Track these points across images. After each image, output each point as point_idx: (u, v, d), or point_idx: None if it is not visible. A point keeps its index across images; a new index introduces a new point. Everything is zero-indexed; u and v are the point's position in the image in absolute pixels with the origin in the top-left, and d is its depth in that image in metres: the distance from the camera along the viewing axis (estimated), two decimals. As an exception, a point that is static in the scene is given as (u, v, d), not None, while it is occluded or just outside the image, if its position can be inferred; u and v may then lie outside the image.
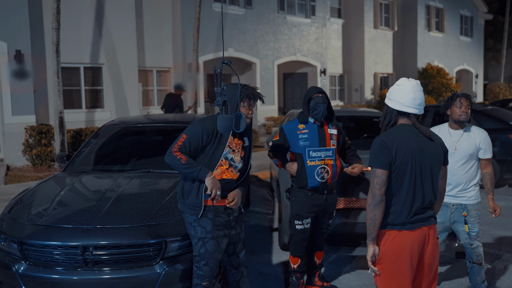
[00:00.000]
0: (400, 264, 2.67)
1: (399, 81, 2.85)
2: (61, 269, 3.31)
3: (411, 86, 2.78)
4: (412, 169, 2.69)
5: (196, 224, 3.23)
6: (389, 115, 2.82)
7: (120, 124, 5.42)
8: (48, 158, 10.79)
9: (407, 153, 2.68)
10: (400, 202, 2.71)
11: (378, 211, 2.67)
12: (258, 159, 11.49)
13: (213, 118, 3.28)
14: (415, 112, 2.77)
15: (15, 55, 10.76)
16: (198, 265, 3.26)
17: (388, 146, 2.68)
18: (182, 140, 3.18)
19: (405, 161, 2.68)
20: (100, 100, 13.05)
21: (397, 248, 2.68)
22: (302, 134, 3.99)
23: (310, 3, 18.56)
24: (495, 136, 4.15)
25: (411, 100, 2.75)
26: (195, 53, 13.18)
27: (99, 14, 12.57)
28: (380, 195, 2.66)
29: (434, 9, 24.01)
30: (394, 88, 2.83)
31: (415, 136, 2.74)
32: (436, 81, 22.03)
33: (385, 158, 2.67)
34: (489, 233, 5.94)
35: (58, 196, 3.90)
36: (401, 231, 2.69)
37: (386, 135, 2.74)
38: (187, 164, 3.10)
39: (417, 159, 2.70)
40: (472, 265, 3.88)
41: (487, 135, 3.83)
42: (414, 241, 2.69)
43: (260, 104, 3.41)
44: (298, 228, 4.04)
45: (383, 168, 2.67)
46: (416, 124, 2.78)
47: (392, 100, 2.81)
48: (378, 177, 2.67)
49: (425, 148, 2.75)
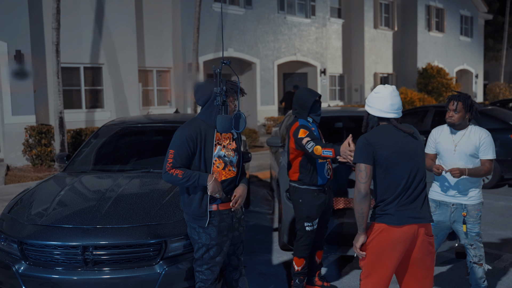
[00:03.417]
0: (384, 256, 2.85)
1: (376, 88, 3.03)
2: (61, 269, 3.31)
3: (388, 93, 2.97)
4: (399, 165, 2.87)
5: (201, 230, 3.17)
6: (371, 122, 3.04)
7: (120, 124, 5.42)
8: (48, 158, 10.79)
9: (391, 150, 2.86)
10: (389, 198, 2.87)
11: (364, 204, 2.84)
12: (258, 159, 11.49)
13: (193, 122, 3.20)
14: (394, 116, 2.98)
15: (15, 55, 10.76)
16: (201, 269, 3.23)
17: (370, 143, 2.86)
18: (171, 156, 3.10)
19: (390, 157, 2.85)
20: (100, 100, 13.05)
21: (383, 241, 2.84)
22: (313, 131, 4.02)
23: (310, 3, 18.56)
24: (495, 136, 4.15)
25: (390, 106, 2.95)
26: (195, 53, 13.19)
27: (99, 14, 12.57)
28: (365, 189, 2.83)
29: (434, 9, 24.02)
30: (373, 96, 3.02)
31: (398, 134, 2.93)
32: (436, 81, 22.03)
33: (367, 153, 2.85)
34: (489, 233, 5.94)
35: (58, 196, 3.90)
36: (389, 225, 2.84)
37: (369, 134, 2.94)
38: (185, 178, 3.05)
39: (402, 155, 2.88)
40: (472, 265, 3.88)
41: (489, 136, 3.78)
42: (400, 237, 2.83)
43: (260, 104, 3.39)
44: (309, 230, 4.04)
45: (366, 162, 2.84)
46: (397, 125, 2.97)
47: (372, 107, 3.01)
48: (362, 171, 2.85)
49: (409, 144, 2.92)
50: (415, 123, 10.32)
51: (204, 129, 3.15)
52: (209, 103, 3.16)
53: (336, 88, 21.64)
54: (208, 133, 3.16)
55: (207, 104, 3.18)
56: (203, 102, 3.19)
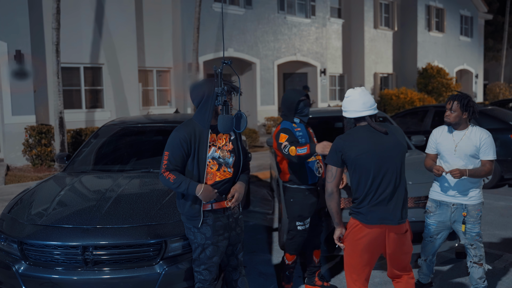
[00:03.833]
0: (357, 249, 3.09)
1: (347, 93, 3.21)
2: (61, 269, 3.31)
3: (358, 93, 3.14)
4: (367, 166, 3.02)
5: (195, 230, 3.19)
6: (348, 124, 3.19)
7: (120, 124, 5.42)
8: (48, 158, 10.79)
9: (359, 152, 3.01)
10: (360, 197, 3.07)
11: (331, 201, 3.10)
12: (258, 159, 11.49)
13: (188, 124, 3.20)
14: (370, 113, 3.12)
15: (15, 55, 10.76)
16: (198, 270, 3.24)
17: (340, 146, 3.07)
18: (166, 157, 3.12)
19: (357, 159, 3.02)
20: (100, 100, 13.05)
21: (356, 236, 3.08)
22: (298, 132, 4.05)
23: (310, 3, 18.56)
24: (495, 136, 4.15)
25: (362, 105, 3.11)
26: (195, 53, 13.19)
27: (99, 14, 12.57)
28: (331, 188, 3.07)
29: (434, 9, 24.02)
30: (345, 101, 3.19)
31: (370, 134, 3.08)
32: (436, 81, 22.03)
33: (336, 156, 3.07)
34: (489, 233, 5.94)
35: (58, 196, 3.90)
36: (362, 223, 3.06)
37: (343, 136, 3.12)
38: (176, 183, 3.06)
39: (371, 157, 3.02)
40: (472, 265, 3.88)
41: (489, 136, 3.77)
42: (371, 236, 3.05)
43: (260, 104, 3.39)
44: (300, 229, 4.06)
45: (334, 164, 3.09)
46: (372, 124, 3.11)
47: (347, 111, 3.18)
48: (329, 171, 3.10)
49: (383, 145, 3.05)
50: (415, 123, 10.32)
51: (198, 131, 3.14)
52: (203, 104, 3.14)
53: (336, 88, 21.64)
54: (203, 134, 3.15)
55: (200, 105, 3.16)
56: (197, 103, 3.18)
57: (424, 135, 7.01)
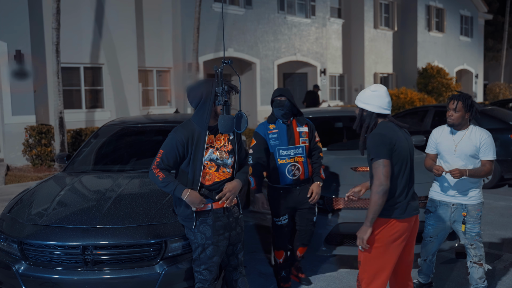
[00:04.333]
0: (392, 246, 3.03)
1: (373, 87, 3.14)
2: (61, 269, 3.31)
3: (385, 91, 3.11)
4: (406, 161, 3.05)
5: (196, 230, 3.19)
6: (367, 119, 3.12)
7: (120, 124, 5.42)
8: (48, 158, 10.79)
9: (401, 146, 3.02)
10: (398, 192, 3.04)
11: (385, 198, 2.94)
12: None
13: (186, 125, 3.19)
14: (389, 113, 3.14)
15: (15, 55, 10.76)
16: (199, 270, 3.23)
17: (391, 139, 2.98)
18: (160, 155, 3.12)
19: (401, 153, 3.02)
20: (100, 100, 13.05)
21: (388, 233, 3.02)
22: (272, 134, 4.15)
23: (310, 3, 18.56)
24: (495, 136, 4.15)
25: (387, 104, 3.11)
26: (195, 53, 13.18)
27: (99, 14, 12.57)
28: (387, 184, 2.94)
29: (434, 9, 24.02)
30: (369, 94, 3.11)
31: (400, 131, 3.11)
32: (436, 81, 22.02)
33: (390, 149, 2.97)
34: (489, 233, 5.94)
35: (58, 196, 3.90)
36: (399, 219, 3.02)
37: (384, 130, 3.03)
38: (164, 182, 3.07)
39: (407, 152, 3.07)
40: (472, 265, 3.88)
41: (489, 137, 3.77)
42: (406, 229, 3.07)
43: (260, 104, 3.39)
44: (277, 224, 4.23)
45: (388, 158, 2.95)
46: (396, 121, 3.13)
47: (369, 104, 3.10)
48: (386, 166, 2.94)
49: (407, 140, 3.12)
50: (415, 123, 10.32)
51: (197, 132, 3.14)
52: (201, 105, 3.13)
53: (336, 88, 21.64)
54: (201, 136, 3.14)
55: (198, 106, 3.15)
56: (195, 104, 3.17)
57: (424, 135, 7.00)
